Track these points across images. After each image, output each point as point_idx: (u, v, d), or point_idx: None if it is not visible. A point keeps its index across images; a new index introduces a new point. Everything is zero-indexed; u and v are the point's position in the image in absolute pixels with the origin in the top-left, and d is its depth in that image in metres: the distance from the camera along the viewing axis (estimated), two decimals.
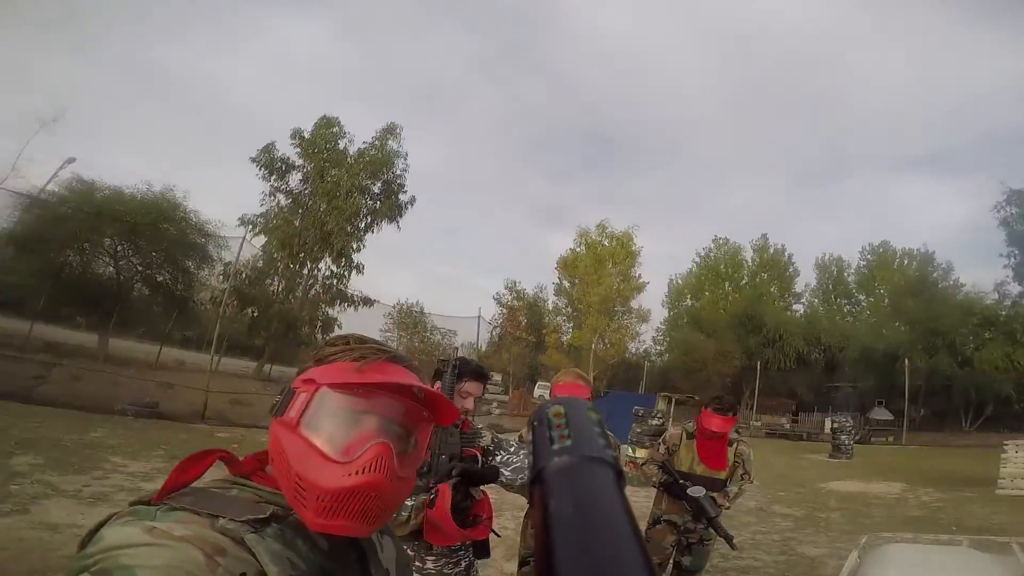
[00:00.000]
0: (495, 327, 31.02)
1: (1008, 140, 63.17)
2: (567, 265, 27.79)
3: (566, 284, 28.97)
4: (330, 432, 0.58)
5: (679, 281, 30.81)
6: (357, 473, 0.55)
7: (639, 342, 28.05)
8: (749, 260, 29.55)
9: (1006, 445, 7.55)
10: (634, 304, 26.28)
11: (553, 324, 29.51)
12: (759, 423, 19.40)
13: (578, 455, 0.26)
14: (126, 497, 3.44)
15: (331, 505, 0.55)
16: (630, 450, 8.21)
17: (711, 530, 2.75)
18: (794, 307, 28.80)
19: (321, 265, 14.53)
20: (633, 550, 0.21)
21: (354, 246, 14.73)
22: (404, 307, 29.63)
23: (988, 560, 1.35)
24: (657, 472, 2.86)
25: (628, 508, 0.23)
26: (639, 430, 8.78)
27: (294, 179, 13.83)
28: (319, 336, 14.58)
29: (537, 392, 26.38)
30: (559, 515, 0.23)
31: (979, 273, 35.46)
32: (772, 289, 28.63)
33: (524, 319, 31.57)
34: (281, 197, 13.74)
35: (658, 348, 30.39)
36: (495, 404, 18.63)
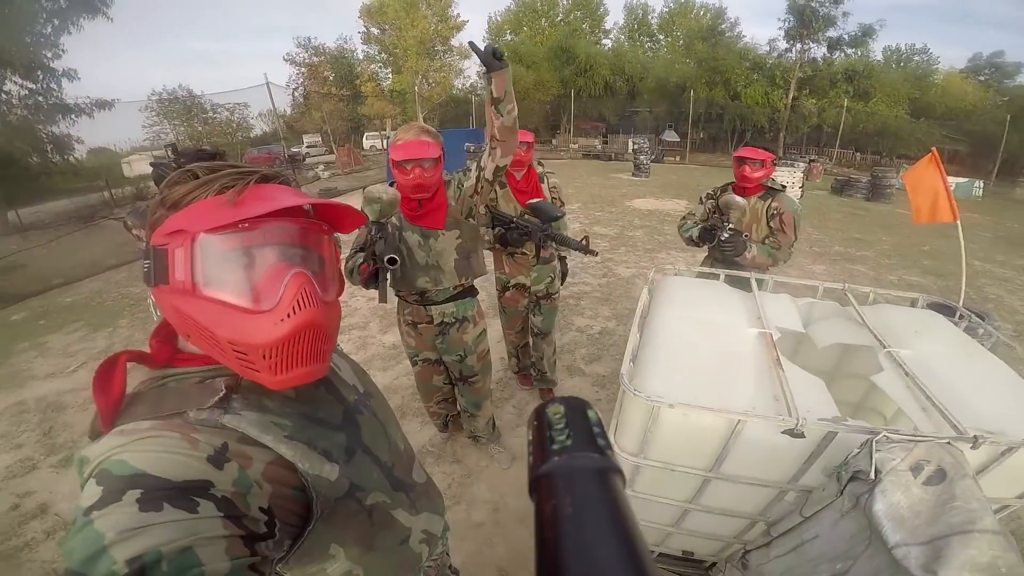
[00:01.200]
0: (295, 89, 27.82)
1: None
2: (373, 13, 24.65)
3: (375, 31, 25.83)
4: (235, 282, 0.51)
5: (498, 18, 30.56)
6: (288, 316, 0.51)
7: (464, 78, 27.97)
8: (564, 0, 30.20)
9: None
10: (455, 43, 25.19)
11: (368, 73, 26.98)
12: (576, 146, 21.60)
13: (578, 455, 0.26)
14: None
15: (280, 359, 0.52)
16: None
17: (557, 250, 2.54)
18: (603, 42, 30.61)
19: (9, 87, 10.37)
20: (630, 550, 0.21)
21: (48, 54, 10.60)
22: (165, 96, 23.59)
23: (735, 295, 1.76)
24: (489, 231, 2.43)
25: (627, 508, 0.24)
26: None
27: None
28: (59, 159, 11.38)
29: (367, 143, 25.77)
30: (559, 514, 0.23)
31: (758, 31, 40.60)
32: (584, 26, 29.96)
33: (330, 74, 28.12)
34: None
35: (483, 82, 30.21)
36: (321, 167, 17.49)
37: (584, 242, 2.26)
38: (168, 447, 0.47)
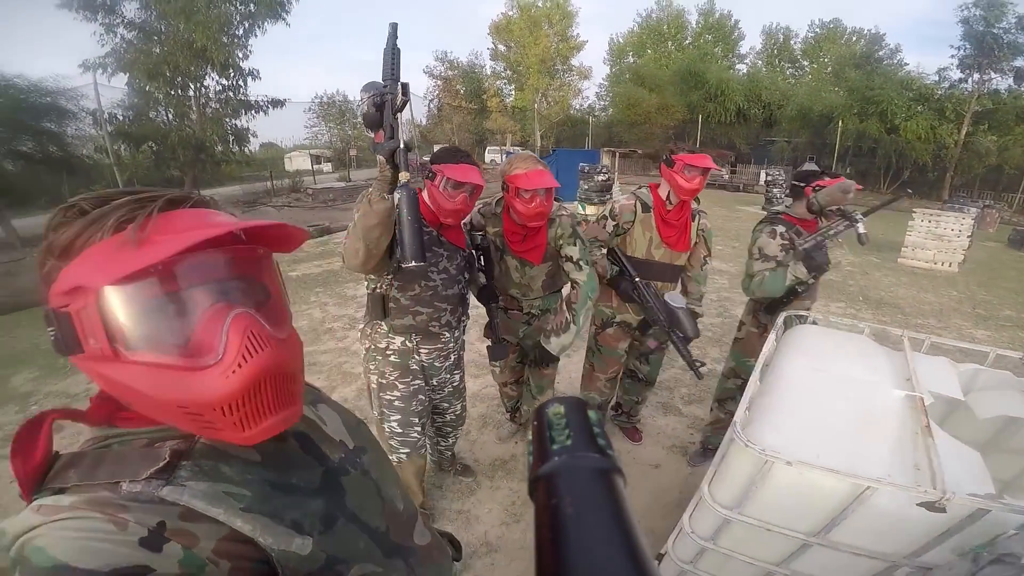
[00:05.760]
0: (431, 100, 29.94)
1: None
2: (500, 30, 26.20)
3: (502, 48, 27.37)
4: (165, 337, 0.43)
5: (620, 40, 29.87)
6: (239, 366, 0.44)
7: (582, 99, 28.52)
8: (694, 23, 28.87)
9: (915, 212, 7.84)
10: (575, 63, 26.06)
11: (493, 88, 28.45)
12: None
13: (578, 455, 0.26)
14: None
15: (243, 414, 0.45)
16: (580, 207, 8.09)
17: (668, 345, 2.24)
18: (737, 67, 28.59)
19: (208, 82, 12.54)
20: (630, 552, 0.21)
21: (239, 54, 12.65)
22: (325, 99, 27.00)
23: (881, 352, 1.55)
24: (609, 265, 2.13)
25: (627, 508, 0.24)
26: (586, 187, 8.55)
27: (130, 9, 11.47)
28: (236, 150, 13.46)
29: (488, 156, 26.93)
30: (560, 514, 0.23)
31: (925, 59, 34.96)
32: (716, 50, 28.35)
33: (461, 88, 30.13)
34: (123, 31, 11.48)
35: (602, 103, 30.38)
36: None
37: (702, 366, 2.13)
38: (90, 531, 0.40)
